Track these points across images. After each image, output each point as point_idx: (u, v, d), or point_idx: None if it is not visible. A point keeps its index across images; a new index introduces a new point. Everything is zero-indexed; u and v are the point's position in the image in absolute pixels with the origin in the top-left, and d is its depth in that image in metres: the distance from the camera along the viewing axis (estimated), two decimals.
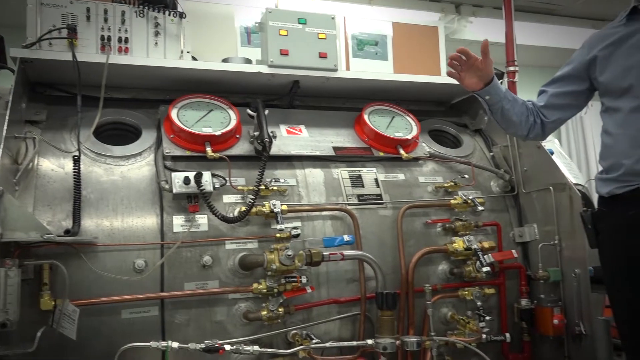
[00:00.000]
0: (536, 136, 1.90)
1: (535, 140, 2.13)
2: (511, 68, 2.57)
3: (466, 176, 2.33)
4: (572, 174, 2.85)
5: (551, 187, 2.19)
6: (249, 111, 2.08)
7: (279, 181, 2.05)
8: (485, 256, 2.08)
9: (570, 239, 2.11)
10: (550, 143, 2.95)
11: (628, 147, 1.62)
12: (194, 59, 2.27)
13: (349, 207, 2.10)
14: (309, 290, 1.90)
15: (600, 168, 1.77)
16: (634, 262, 1.64)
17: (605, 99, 1.77)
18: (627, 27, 1.74)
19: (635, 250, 1.63)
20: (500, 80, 2.52)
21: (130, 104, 2.19)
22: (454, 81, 1.83)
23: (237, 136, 2.11)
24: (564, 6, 4.68)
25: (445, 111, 2.81)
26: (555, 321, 2.09)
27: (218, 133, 2.00)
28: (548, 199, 2.21)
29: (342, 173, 2.20)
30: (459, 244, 2.12)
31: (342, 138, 2.31)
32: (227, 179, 1.94)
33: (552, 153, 2.32)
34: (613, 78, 1.72)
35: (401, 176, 2.29)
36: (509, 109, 1.82)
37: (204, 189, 1.82)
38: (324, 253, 1.87)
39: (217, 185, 1.91)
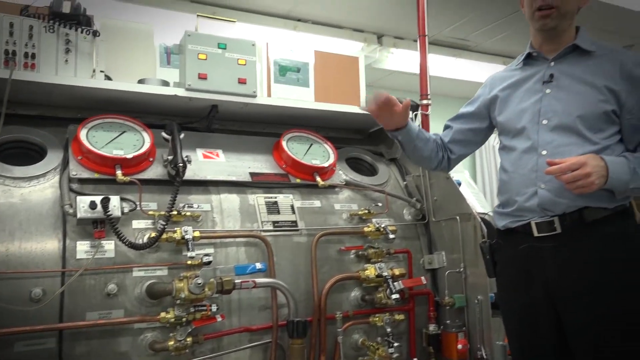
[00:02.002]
0: (442, 169, 2.03)
1: (442, 172, 2.24)
2: (424, 101, 2.69)
3: (380, 204, 2.40)
4: (479, 203, 3.01)
5: (458, 217, 2.30)
6: (163, 134, 2.04)
7: (192, 206, 2.02)
8: (395, 283, 2.15)
9: (474, 266, 2.23)
10: (459, 174, 3.11)
11: (521, 186, 1.74)
12: (108, 78, 2.20)
13: (263, 234, 2.09)
14: (219, 319, 1.87)
15: (498, 202, 1.88)
16: (521, 293, 1.75)
17: (502, 138, 1.90)
18: (523, 71, 1.88)
19: (525, 284, 1.74)
20: (415, 113, 2.66)
21: (37, 122, 2.08)
22: None
23: (151, 159, 2.06)
24: (477, 43, 4.98)
25: (363, 139, 2.89)
26: (460, 346, 2.18)
27: (130, 156, 1.95)
28: (455, 228, 2.32)
29: (258, 199, 2.20)
30: (370, 271, 2.17)
31: (259, 164, 2.32)
32: (138, 203, 1.89)
33: (459, 184, 2.44)
34: (509, 119, 1.85)
35: (317, 203, 2.32)
36: (421, 147, 1.93)
37: (111, 214, 1.76)
38: (236, 281, 1.85)
39: (126, 210, 1.84)
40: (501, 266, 1.86)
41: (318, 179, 2.31)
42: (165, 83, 2.21)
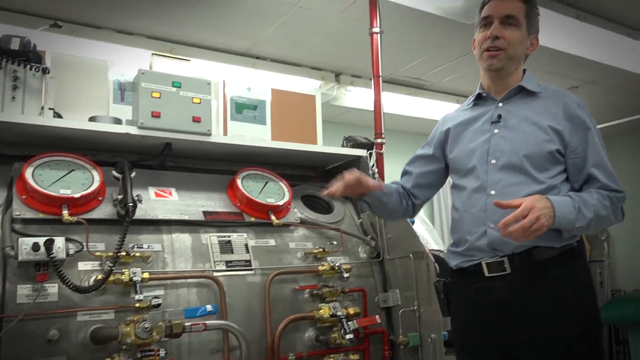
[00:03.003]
0: (407, 216, 2.03)
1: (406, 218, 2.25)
2: (379, 140, 2.75)
3: (335, 242, 2.41)
4: (433, 240, 3.05)
5: (411, 255, 2.33)
6: (114, 173, 2.00)
7: (142, 247, 1.97)
8: (349, 322, 2.14)
9: (428, 304, 2.24)
10: None
11: (471, 225, 1.76)
12: (58, 115, 2.17)
13: (215, 274, 2.06)
14: None
15: (451, 240, 1.91)
16: (474, 333, 1.77)
17: (453, 176, 1.94)
18: (473, 111, 1.94)
19: (477, 323, 1.75)
20: (369, 151, 2.70)
21: None
22: (329, 149, 1.89)
23: (100, 198, 2.01)
24: (432, 82, 5.14)
25: (319, 176, 2.91)
26: None
27: (77, 195, 1.90)
28: (409, 266, 2.34)
29: (212, 238, 2.17)
30: (325, 310, 2.16)
31: (213, 202, 2.30)
32: (85, 244, 1.83)
33: (413, 222, 2.47)
34: (459, 158, 1.89)
35: (272, 242, 2.31)
36: (386, 201, 1.92)
37: (55, 256, 1.70)
38: (185, 324, 1.81)
39: (72, 251, 1.79)
40: (455, 305, 1.88)
41: (273, 217, 2.30)
42: (118, 120, 2.18)
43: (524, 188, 1.71)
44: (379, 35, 2.86)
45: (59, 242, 1.74)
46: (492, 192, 1.74)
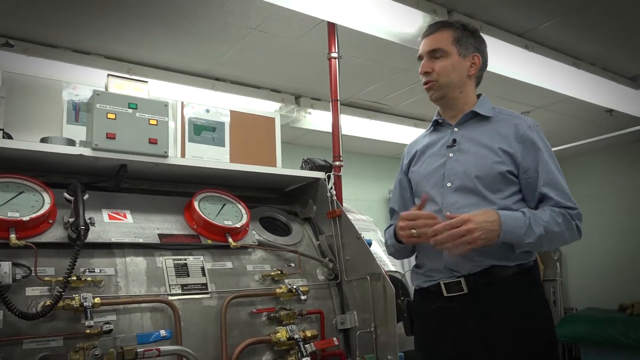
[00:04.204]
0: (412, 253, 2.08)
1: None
2: (337, 163, 2.78)
3: (292, 264, 2.41)
4: (391, 262, 3.09)
5: (368, 276, 2.35)
6: (66, 195, 1.96)
7: (94, 271, 1.92)
8: (306, 345, 2.13)
9: (384, 326, 2.25)
10: (371, 233, 3.19)
11: (429, 247, 1.80)
12: (8, 135, 2.11)
13: (170, 298, 2.02)
14: None
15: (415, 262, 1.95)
16: (436, 352, 1.80)
17: (416, 199, 1.98)
18: (431, 136, 2.01)
19: (439, 342, 1.78)
20: (327, 174, 2.73)
21: None
22: (287, 171, 1.90)
23: (50, 221, 1.95)
24: (391, 106, 5.26)
25: (278, 198, 2.91)
26: None
27: (26, 218, 1.84)
28: (366, 288, 2.36)
29: (167, 261, 2.14)
30: (282, 333, 2.15)
31: (169, 225, 2.27)
32: (33, 268, 1.78)
33: (370, 244, 2.50)
34: (418, 182, 1.96)
35: (229, 264, 2.29)
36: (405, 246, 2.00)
37: (0, 282, 1.64)
38: (138, 350, 1.76)
39: (18, 276, 1.72)
40: (417, 324, 1.91)
41: (230, 239, 2.29)
42: (71, 142, 2.14)
43: (476, 209, 1.77)
44: (337, 60, 2.92)
45: (5, 267, 1.68)
46: (447, 214, 1.79)
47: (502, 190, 1.81)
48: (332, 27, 2.99)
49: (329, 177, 2.74)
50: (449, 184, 1.86)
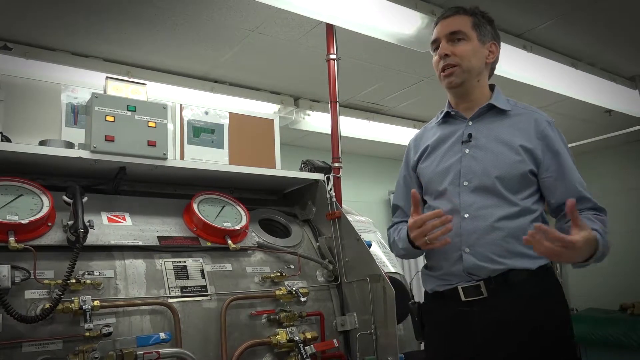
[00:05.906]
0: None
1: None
2: (336, 164, 2.78)
3: (292, 266, 2.40)
4: (390, 263, 3.08)
5: (368, 278, 2.34)
6: (65, 198, 1.96)
7: (93, 274, 1.92)
8: (306, 347, 2.12)
9: (384, 327, 2.25)
10: (371, 234, 3.19)
11: (446, 250, 1.74)
12: (7, 138, 2.11)
13: (170, 300, 2.02)
14: None
15: (426, 263, 1.90)
16: (452, 357, 1.75)
17: (426, 197, 1.91)
18: (442, 129, 1.90)
19: (454, 348, 1.74)
20: (327, 175, 2.73)
21: None
22: (286, 173, 1.87)
23: (49, 224, 1.95)
24: (390, 107, 5.26)
25: (277, 200, 2.91)
26: None
27: (25, 221, 1.84)
28: (366, 289, 2.35)
29: (166, 264, 2.13)
30: (282, 335, 2.14)
31: (169, 227, 2.26)
32: (32, 272, 1.77)
33: (369, 245, 2.49)
34: (431, 180, 1.86)
35: (228, 266, 2.29)
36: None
37: None
38: (138, 352, 1.76)
39: (18, 279, 1.72)
40: (430, 329, 1.85)
41: (229, 242, 2.28)
42: (70, 144, 2.14)
43: (497, 210, 1.70)
44: (335, 61, 2.92)
45: (4, 270, 1.68)
46: (466, 216, 1.72)
47: (522, 191, 1.73)
48: (330, 28, 2.99)
49: (328, 178, 2.73)
50: (465, 183, 1.75)
